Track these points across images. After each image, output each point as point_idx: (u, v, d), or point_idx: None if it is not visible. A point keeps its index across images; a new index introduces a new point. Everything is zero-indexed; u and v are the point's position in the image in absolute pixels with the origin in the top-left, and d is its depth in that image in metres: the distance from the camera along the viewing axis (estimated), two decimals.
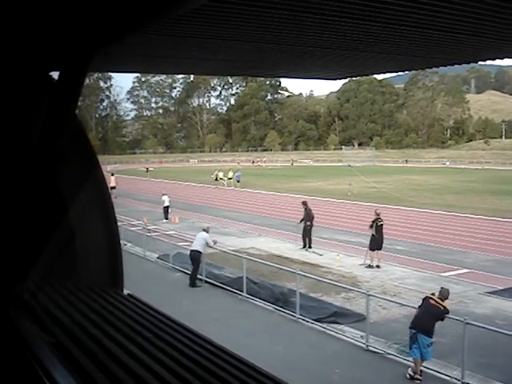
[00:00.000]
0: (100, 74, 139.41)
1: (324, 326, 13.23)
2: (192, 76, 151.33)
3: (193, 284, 17.51)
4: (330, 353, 11.71)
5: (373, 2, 2.01)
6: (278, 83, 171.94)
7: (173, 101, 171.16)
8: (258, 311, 14.80)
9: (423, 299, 10.75)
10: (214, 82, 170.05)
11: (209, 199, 45.21)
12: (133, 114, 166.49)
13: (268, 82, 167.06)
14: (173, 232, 25.87)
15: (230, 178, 58.44)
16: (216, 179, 58.34)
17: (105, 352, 1.48)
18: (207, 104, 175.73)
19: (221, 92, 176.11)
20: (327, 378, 10.39)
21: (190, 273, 17.92)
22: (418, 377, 10.23)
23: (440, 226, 30.81)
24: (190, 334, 1.68)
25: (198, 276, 17.70)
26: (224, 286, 16.86)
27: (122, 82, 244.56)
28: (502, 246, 24.29)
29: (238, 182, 56.99)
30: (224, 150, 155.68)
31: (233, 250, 20.66)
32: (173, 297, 15.46)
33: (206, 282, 17.61)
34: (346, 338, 12.43)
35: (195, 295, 16.63)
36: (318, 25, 2.31)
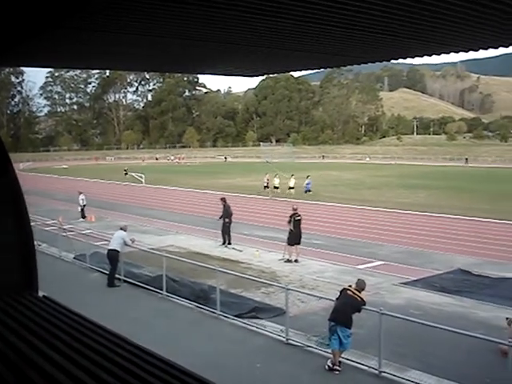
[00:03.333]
0: (11, 69, 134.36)
1: (245, 321, 13.31)
2: (108, 71, 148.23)
3: (111, 284, 17.17)
4: (251, 348, 11.79)
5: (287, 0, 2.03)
6: (195, 79, 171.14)
7: (88, 96, 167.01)
8: (178, 309, 14.70)
9: (341, 291, 10.98)
10: (131, 77, 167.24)
11: (126, 197, 44.53)
12: (46, 110, 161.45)
13: (186, 79, 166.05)
14: (89, 231, 25.26)
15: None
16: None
17: (21, 357, 1.43)
18: (123, 100, 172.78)
19: (137, 88, 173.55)
20: (249, 374, 10.45)
21: (107, 273, 17.56)
22: (337, 368, 10.46)
23: (356, 219, 31.62)
24: (108, 335, 1.64)
25: (117, 275, 17.38)
26: (143, 285, 16.63)
27: (35, 77, 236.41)
28: (413, 238, 25.20)
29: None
30: (141, 146, 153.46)
31: (152, 248, 20.43)
32: (90, 298, 15.10)
33: (125, 281, 17.31)
34: (267, 333, 12.55)
35: (114, 295, 16.33)
36: (237, 22, 2.30)
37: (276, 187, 44.75)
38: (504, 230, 28.16)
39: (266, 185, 45.26)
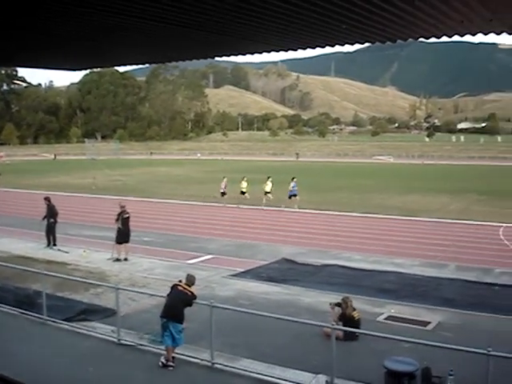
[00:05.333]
0: None
1: (74, 324, 12.83)
2: None
3: None
4: (81, 352, 11.39)
5: None
6: (14, 73, 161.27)
7: None
8: (1, 316, 13.79)
9: (171, 287, 10.98)
10: None
11: None
12: None
13: (4, 72, 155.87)
14: None
15: None
16: None
17: None
18: None
19: None
20: (81, 379, 10.10)
21: None
22: (171, 364, 10.47)
23: (187, 215, 31.84)
24: None
25: None
26: None
27: None
28: (242, 231, 25.95)
29: None
30: None
31: None
32: None
33: None
34: (98, 335, 12.20)
35: None
36: (58, 13, 2.21)
37: (243, 192, 35.81)
38: (324, 219, 29.97)
39: (223, 191, 35.92)
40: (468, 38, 9.99)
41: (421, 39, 10.32)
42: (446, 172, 69.00)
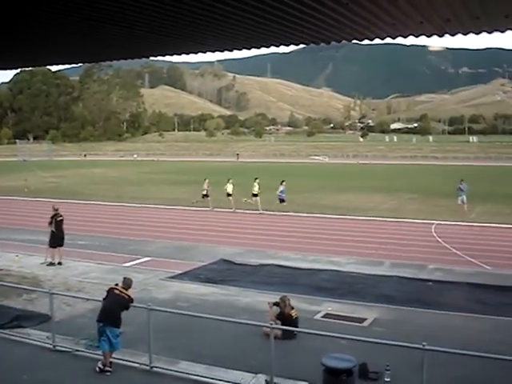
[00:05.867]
0: None
1: (7, 331, 12.42)
2: None
3: None
4: (15, 360, 11.04)
5: None
6: None
7: None
8: None
9: (107, 291, 10.79)
10: None
11: None
12: None
13: None
14: None
15: None
16: None
17: None
18: None
19: None
20: None
21: None
22: (108, 369, 10.28)
23: (122, 217, 31.38)
24: None
25: None
26: None
27: None
28: (178, 233, 25.77)
29: None
30: None
31: None
32: None
33: None
34: (32, 341, 11.85)
35: None
36: None
37: (229, 194, 34.01)
38: (260, 219, 30.12)
39: (205, 193, 34.36)
40: (400, 40, 10.24)
41: (355, 41, 10.50)
42: (379, 171, 70.54)
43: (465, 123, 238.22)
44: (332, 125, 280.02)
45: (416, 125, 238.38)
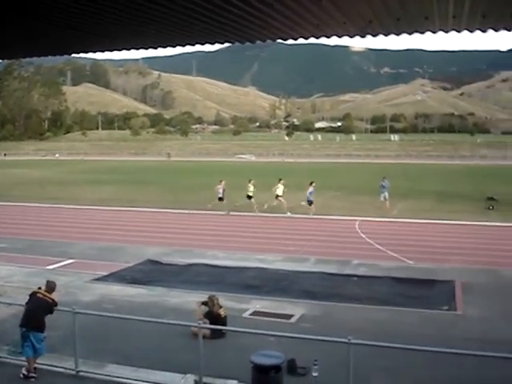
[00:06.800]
0: None
1: None
2: None
3: None
4: None
5: None
6: None
7: None
8: None
9: (30, 295, 10.47)
10: None
11: None
12: None
13: None
14: None
15: None
16: None
17: None
18: None
19: None
20: None
21: None
22: (33, 375, 9.96)
23: (44, 219, 30.52)
24: None
25: None
26: None
27: None
28: (105, 234, 25.29)
29: None
30: None
31: None
32: None
33: None
34: None
35: None
36: None
37: (250, 196, 32.18)
38: (184, 218, 29.99)
39: (220, 196, 32.10)
40: (325, 40, 10.41)
41: (280, 40, 10.60)
42: (304, 169, 71.53)
43: (387, 122, 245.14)
44: (258, 123, 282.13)
45: (340, 124, 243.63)
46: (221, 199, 31.97)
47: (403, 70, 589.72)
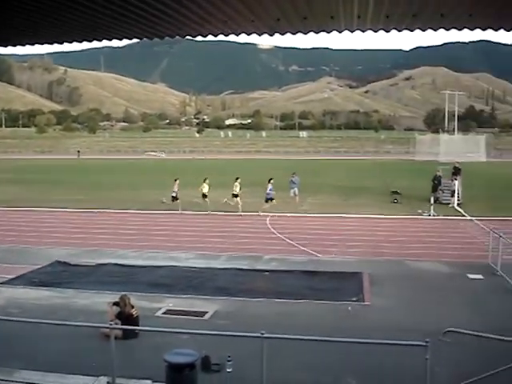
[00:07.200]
0: None
1: None
2: None
3: None
4: None
5: None
6: None
7: None
8: None
9: None
10: None
11: None
12: None
13: None
14: None
15: None
16: None
17: None
18: None
19: None
20: None
21: None
22: None
23: None
24: None
25: None
26: None
27: None
28: (10, 235, 24.31)
29: None
30: None
31: None
32: None
33: None
34: None
35: None
36: None
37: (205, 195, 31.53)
38: (91, 217, 29.36)
39: (174, 195, 31.59)
40: (234, 37, 10.46)
41: (189, 37, 10.55)
42: (214, 166, 71.63)
43: (295, 119, 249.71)
44: (168, 120, 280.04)
45: (250, 121, 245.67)
46: (175, 198, 31.48)
47: (311, 68, 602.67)
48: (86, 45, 11.29)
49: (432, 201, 31.04)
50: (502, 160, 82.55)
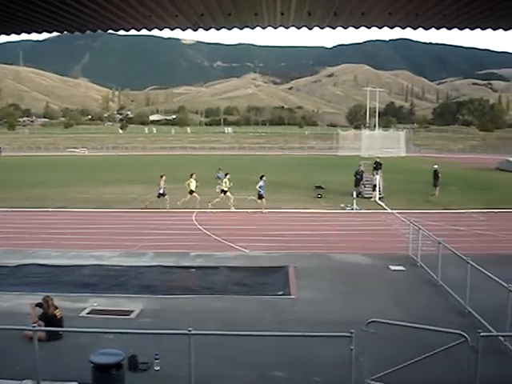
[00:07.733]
0: None
1: None
2: None
3: None
4: None
5: None
6: None
7: None
8: None
9: None
10: None
11: None
12: None
13: None
14: None
15: None
16: None
17: None
18: None
19: None
20: None
21: None
22: None
23: None
24: None
25: None
26: None
27: None
28: None
29: None
30: None
31: None
32: None
33: None
34: None
35: None
36: None
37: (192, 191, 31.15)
38: (15, 216, 28.43)
39: (162, 192, 30.91)
40: (158, 32, 10.34)
41: (111, 31, 10.36)
42: (138, 162, 70.74)
43: (220, 115, 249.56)
44: (90, 116, 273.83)
45: (174, 116, 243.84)
46: (161, 195, 30.93)
47: (235, 64, 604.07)
48: (3, 38, 10.91)
49: (354, 195, 31.82)
50: (421, 155, 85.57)
